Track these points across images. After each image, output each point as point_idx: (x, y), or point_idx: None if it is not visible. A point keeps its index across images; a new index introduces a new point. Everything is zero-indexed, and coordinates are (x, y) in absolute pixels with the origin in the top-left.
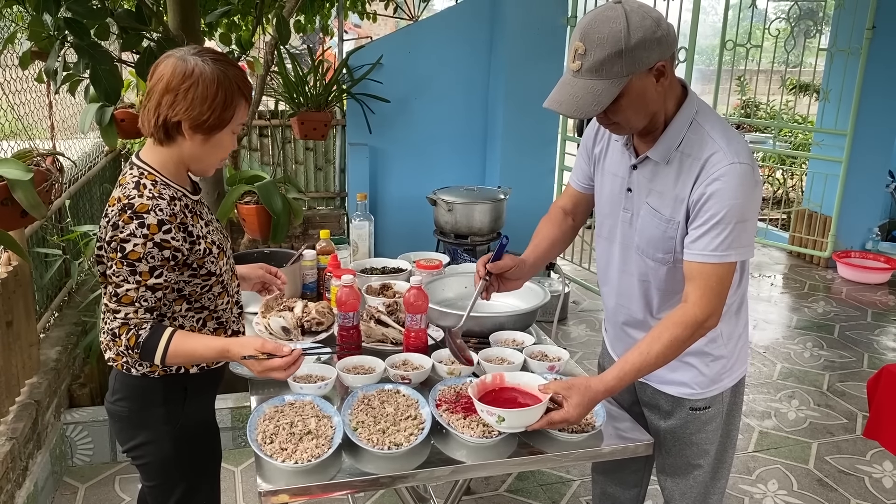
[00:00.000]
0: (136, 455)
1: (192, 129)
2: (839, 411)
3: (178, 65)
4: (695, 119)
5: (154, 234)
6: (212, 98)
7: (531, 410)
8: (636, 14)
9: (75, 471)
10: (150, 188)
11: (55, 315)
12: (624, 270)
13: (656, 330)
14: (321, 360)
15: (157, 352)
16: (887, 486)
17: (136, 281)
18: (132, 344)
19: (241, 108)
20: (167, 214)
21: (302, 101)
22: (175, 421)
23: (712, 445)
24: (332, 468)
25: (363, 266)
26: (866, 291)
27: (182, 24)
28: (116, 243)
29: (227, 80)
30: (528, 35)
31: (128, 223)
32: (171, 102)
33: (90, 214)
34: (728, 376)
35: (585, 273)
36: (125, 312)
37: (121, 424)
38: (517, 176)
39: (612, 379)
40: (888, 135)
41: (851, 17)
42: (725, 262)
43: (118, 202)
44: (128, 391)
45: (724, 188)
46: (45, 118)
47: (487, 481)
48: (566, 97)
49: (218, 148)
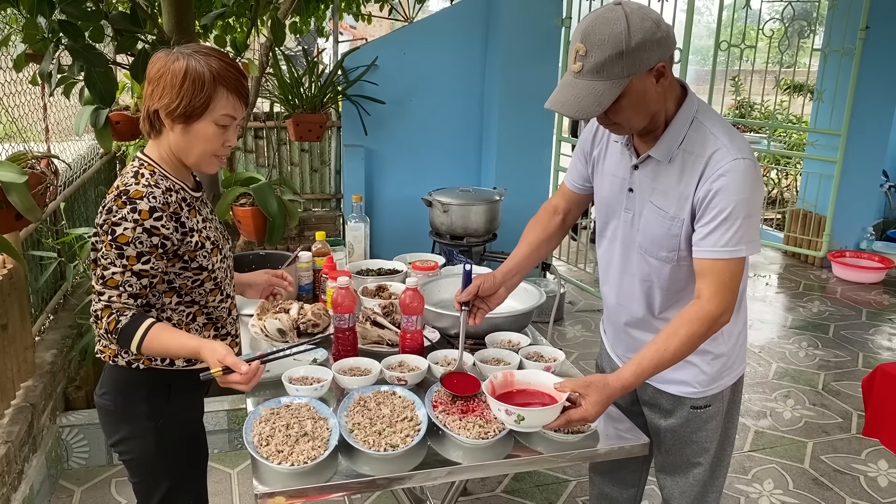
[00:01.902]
0: (121, 450)
1: (168, 118)
2: (834, 410)
3: (160, 58)
4: (696, 117)
5: (144, 220)
6: (179, 85)
7: (550, 409)
8: (636, 15)
9: (71, 474)
10: (148, 177)
11: (50, 318)
12: (625, 270)
13: (672, 326)
14: (317, 362)
15: (133, 339)
16: (882, 484)
17: (123, 265)
18: (111, 328)
19: (220, 99)
20: (160, 203)
21: (297, 103)
22: (158, 417)
23: (712, 444)
24: (328, 470)
25: (359, 267)
26: (861, 291)
27: (177, 27)
28: (108, 226)
29: (200, 67)
30: (523, 36)
31: (121, 208)
32: (150, 93)
33: (85, 217)
34: (728, 374)
35: (581, 273)
36: (109, 295)
37: (107, 418)
38: (512, 177)
39: (629, 375)
40: (882, 134)
41: (845, 18)
42: (736, 257)
43: (115, 189)
44: (112, 385)
45: (730, 184)
46: (40, 121)
47: (484, 482)
48: (568, 98)
49: (201, 139)
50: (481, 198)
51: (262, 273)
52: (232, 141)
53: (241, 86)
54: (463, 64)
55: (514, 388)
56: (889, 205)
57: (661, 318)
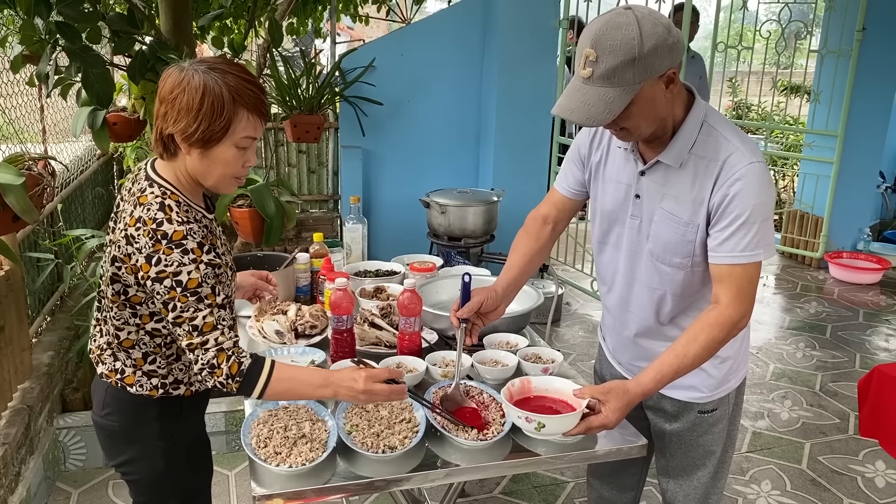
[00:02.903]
0: (127, 471)
1: (184, 142)
2: (832, 411)
3: (173, 74)
4: (705, 121)
5: (200, 257)
6: (197, 108)
7: (570, 416)
8: (648, 21)
9: (68, 476)
10: (177, 210)
11: (47, 320)
12: (633, 278)
13: (691, 331)
14: (315, 364)
15: (257, 384)
16: (880, 485)
17: (208, 305)
18: (234, 372)
19: (240, 121)
20: (201, 236)
21: (295, 104)
22: (169, 437)
23: (718, 447)
24: (326, 472)
25: (357, 269)
26: (858, 292)
27: (174, 28)
28: (170, 280)
29: (218, 87)
30: (520, 37)
31: (169, 254)
32: (164, 114)
33: (82, 218)
34: (734, 377)
35: (578, 275)
36: (214, 338)
37: (111, 439)
38: (510, 178)
39: (649, 381)
40: (878, 136)
41: (842, 19)
42: (754, 262)
43: (144, 225)
44: (120, 405)
45: (747, 188)
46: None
47: (482, 483)
48: (577, 104)
49: (220, 164)
50: (479, 199)
51: (247, 275)
52: (252, 161)
53: (261, 104)
54: (460, 65)
55: (531, 394)
56: (886, 206)
57: (671, 325)
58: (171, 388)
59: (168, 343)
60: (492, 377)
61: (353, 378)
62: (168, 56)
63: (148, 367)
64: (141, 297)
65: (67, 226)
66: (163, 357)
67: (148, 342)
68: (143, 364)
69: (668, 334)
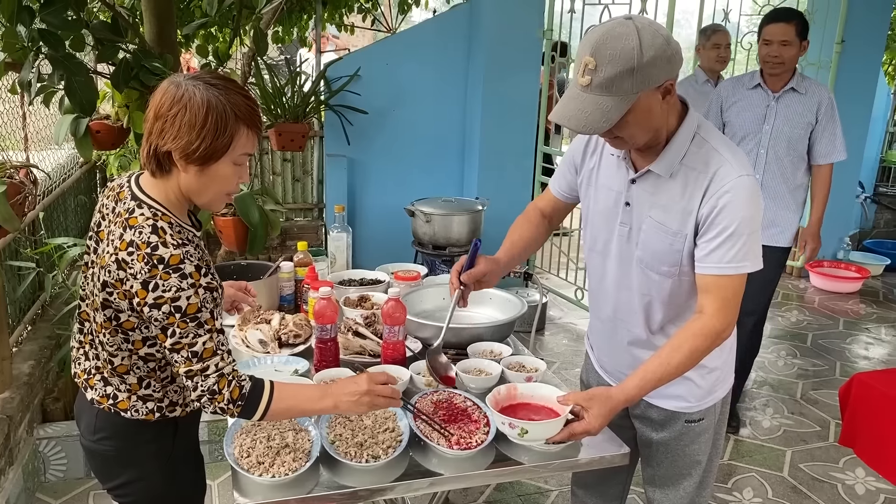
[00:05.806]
0: (122, 493)
1: (183, 160)
2: (812, 419)
3: (170, 90)
4: (697, 133)
5: (198, 281)
6: (200, 125)
7: (553, 422)
8: (647, 31)
9: (48, 487)
10: (171, 233)
11: (28, 329)
12: (622, 285)
13: (675, 340)
14: (298, 373)
15: (259, 407)
16: (860, 492)
17: (207, 331)
18: (236, 397)
19: (241, 137)
20: (197, 258)
21: (279, 113)
22: (166, 456)
23: (704, 456)
24: (309, 482)
25: (341, 278)
26: (838, 300)
27: (158, 36)
28: (168, 306)
29: (220, 104)
30: (504, 48)
31: (167, 279)
32: (161, 130)
33: (64, 227)
34: (720, 387)
35: (562, 283)
36: (214, 364)
37: (105, 464)
38: (495, 187)
39: (633, 388)
40: (857, 146)
41: (821, 31)
42: (740, 273)
43: (137, 249)
44: (115, 430)
45: (735, 200)
46: (19, 129)
47: (466, 493)
48: (574, 112)
49: (217, 181)
50: (464, 208)
51: (226, 286)
52: (245, 178)
53: (259, 119)
54: (445, 75)
55: (516, 401)
56: (865, 216)
57: (660, 334)
58: (168, 412)
59: (162, 366)
60: (475, 386)
61: (355, 381)
62: (152, 64)
63: (143, 391)
64: (134, 323)
65: (49, 234)
66: (157, 381)
67: (142, 367)
68: (139, 389)
69: (658, 343)
